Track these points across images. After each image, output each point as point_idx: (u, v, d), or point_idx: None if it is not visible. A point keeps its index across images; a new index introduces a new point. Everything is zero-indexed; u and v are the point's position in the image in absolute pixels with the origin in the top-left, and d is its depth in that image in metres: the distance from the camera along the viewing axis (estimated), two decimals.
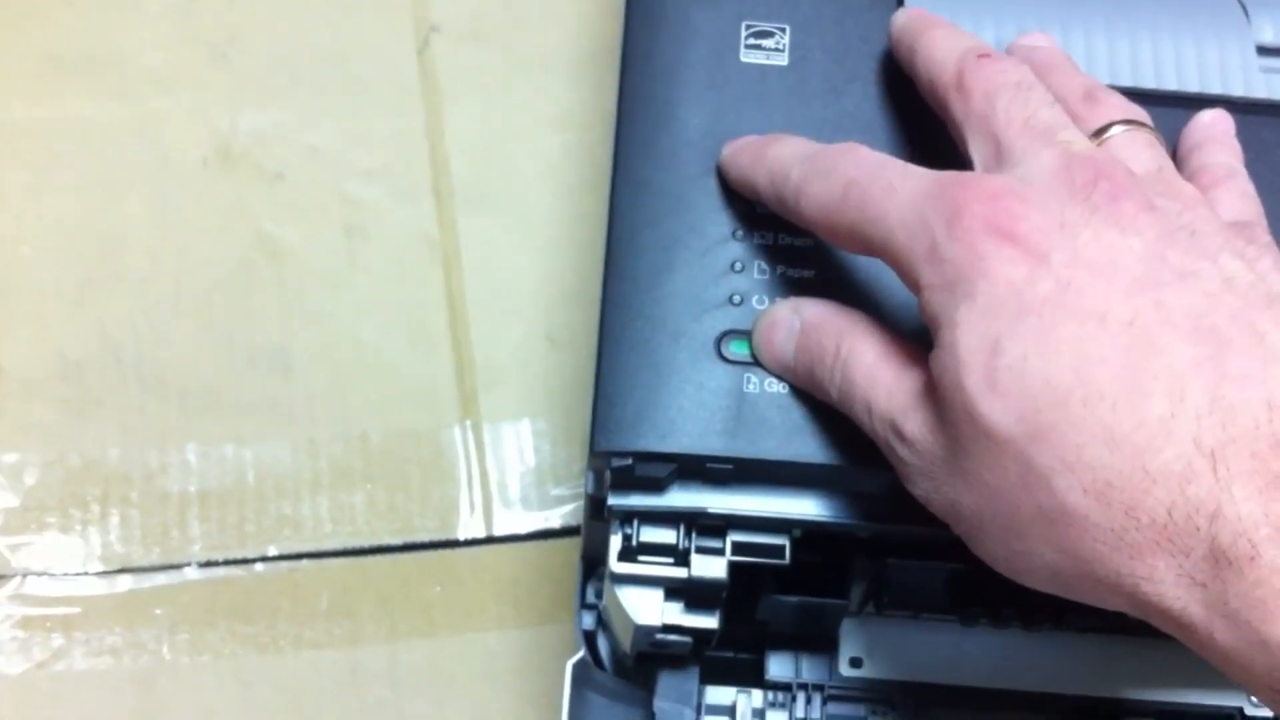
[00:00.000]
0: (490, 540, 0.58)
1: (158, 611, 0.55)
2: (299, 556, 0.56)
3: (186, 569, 0.56)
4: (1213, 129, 0.43)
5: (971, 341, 0.33)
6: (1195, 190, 0.36)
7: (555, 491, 0.59)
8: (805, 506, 0.40)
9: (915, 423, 0.35)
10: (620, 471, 0.40)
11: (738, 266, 0.41)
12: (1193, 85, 0.45)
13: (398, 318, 0.60)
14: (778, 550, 0.41)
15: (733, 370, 0.40)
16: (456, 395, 0.59)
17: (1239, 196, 0.40)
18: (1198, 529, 0.30)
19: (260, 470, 0.57)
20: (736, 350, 0.40)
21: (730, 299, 0.41)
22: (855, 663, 0.45)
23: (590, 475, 0.41)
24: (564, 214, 0.62)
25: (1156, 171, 0.37)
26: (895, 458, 0.36)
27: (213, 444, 0.58)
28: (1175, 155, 0.42)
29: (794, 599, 0.43)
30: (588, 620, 0.48)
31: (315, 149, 0.62)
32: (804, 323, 0.39)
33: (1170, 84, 0.45)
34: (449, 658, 0.56)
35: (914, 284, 0.35)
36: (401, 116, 0.63)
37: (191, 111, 0.62)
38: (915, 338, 0.36)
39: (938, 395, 0.34)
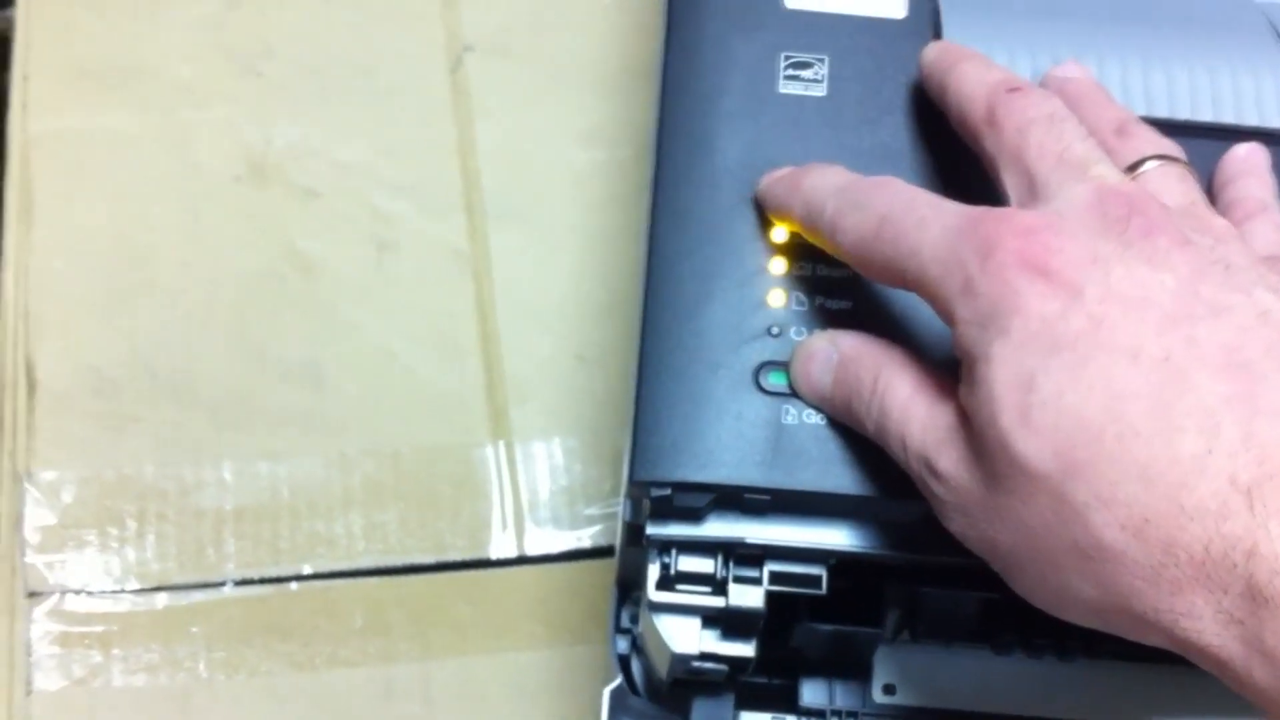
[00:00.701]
0: (522, 560, 0.58)
1: (194, 629, 0.55)
2: (333, 575, 0.56)
3: (223, 587, 0.56)
4: (1248, 161, 0.43)
5: (1006, 377, 0.33)
6: (1228, 224, 0.36)
7: (586, 511, 0.59)
8: (841, 537, 0.40)
9: (949, 459, 0.35)
10: (659, 501, 0.40)
11: (776, 298, 0.41)
12: (1228, 117, 0.45)
13: (428, 331, 0.60)
14: (814, 580, 0.41)
15: (771, 401, 0.40)
16: (487, 411, 0.59)
17: (1273, 229, 0.40)
18: (1234, 566, 0.30)
19: (294, 486, 0.57)
20: (775, 381, 0.40)
21: (769, 330, 0.41)
22: (889, 690, 0.45)
23: (628, 503, 0.42)
24: (593, 229, 0.62)
25: (1190, 206, 0.37)
26: (930, 493, 0.36)
27: (246, 460, 0.58)
28: (1210, 188, 0.42)
29: (828, 627, 0.43)
30: (622, 645, 0.48)
31: (346, 164, 0.62)
32: (841, 355, 0.39)
33: (1205, 115, 0.45)
34: (481, 676, 0.56)
35: (948, 318, 0.35)
36: (432, 130, 0.63)
37: (223, 125, 0.62)
38: (950, 370, 0.36)
39: (972, 430, 0.34)
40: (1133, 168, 0.38)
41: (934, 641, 0.45)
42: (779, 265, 0.42)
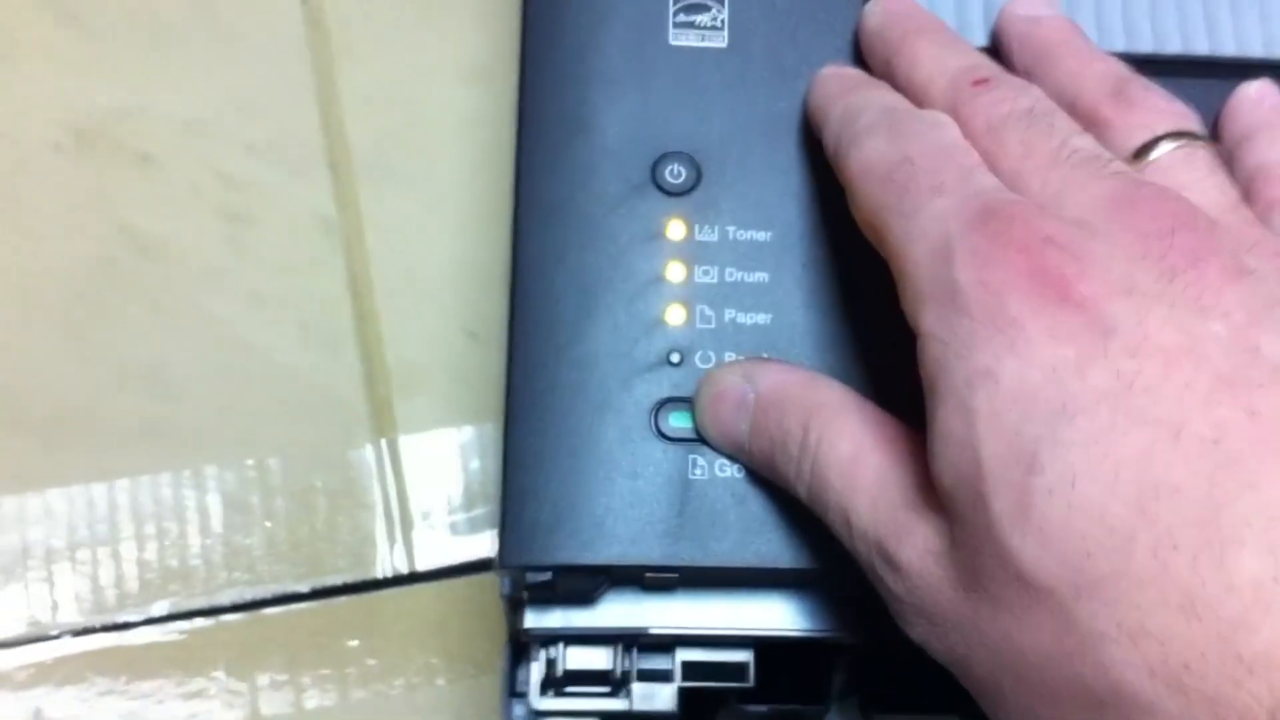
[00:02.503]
0: (414, 578, 0.51)
1: (23, 692, 0.48)
2: (190, 615, 0.49)
3: (57, 639, 0.48)
4: (1260, 106, 0.34)
5: (997, 447, 0.25)
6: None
7: (487, 511, 0.52)
8: (772, 615, 0.33)
9: (912, 549, 0.27)
10: (538, 587, 0.32)
11: (675, 314, 0.33)
12: (1228, 48, 0.36)
13: (293, 317, 0.53)
14: (739, 670, 0.33)
15: (674, 450, 0.33)
16: (367, 406, 0.52)
17: None
18: None
19: (138, 513, 0.50)
20: (678, 424, 0.33)
21: (668, 357, 0.33)
22: None
23: (504, 579, 0.34)
24: (482, 183, 0.55)
25: (1231, 208, 0.28)
26: (884, 588, 0.28)
27: (80, 484, 0.50)
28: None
29: (761, 708, 0.36)
30: (519, 712, 0.40)
31: (186, 122, 0.54)
32: (760, 396, 0.31)
33: (1200, 47, 0.36)
34: None
35: (913, 322, 0.27)
36: (286, 77, 0.55)
37: (37, 84, 0.54)
38: (912, 413, 0.28)
39: (944, 508, 0.26)
40: (1143, 151, 0.29)
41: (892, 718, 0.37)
42: (677, 271, 0.33)
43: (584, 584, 0.32)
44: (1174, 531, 0.24)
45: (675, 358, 0.33)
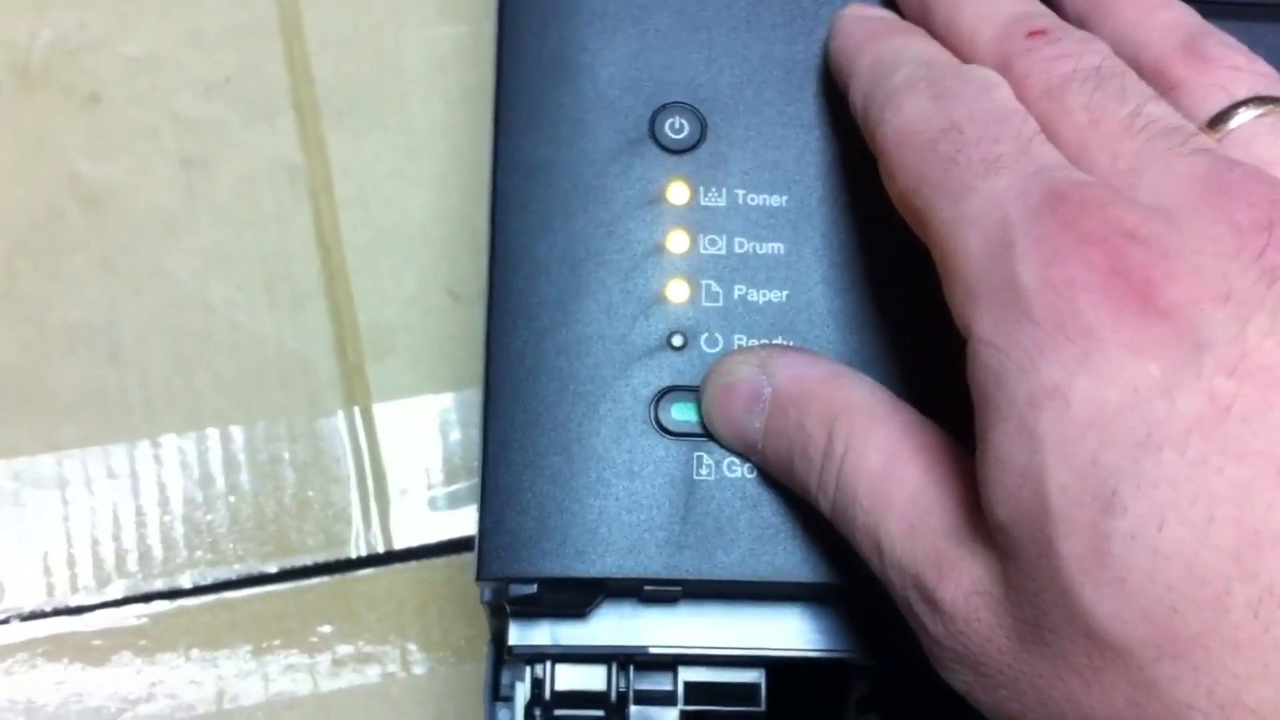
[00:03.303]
0: (390, 557, 0.48)
1: None
2: (148, 598, 0.47)
3: (5, 625, 0.46)
4: None
5: (1068, 479, 0.22)
6: None
7: (469, 484, 0.48)
8: (785, 632, 0.30)
9: (956, 586, 0.23)
10: (523, 600, 0.28)
11: (678, 290, 0.29)
12: None
13: (255, 273, 0.50)
14: (749, 693, 0.30)
15: (676, 447, 0.30)
16: (338, 370, 0.49)
17: None
18: None
19: (90, 488, 0.47)
20: (681, 417, 0.30)
21: (669, 340, 0.29)
22: None
23: (484, 588, 0.30)
24: (461, 126, 0.51)
25: None
26: (919, 626, 0.24)
27: (24, 456, 0.47)
28: None
29: None
30: (504, 717, 0.37)
31: (137, 59, 0.51)
32: (777, 390, 0.27)
33: None
34: (341, 716, 0.46)
35: (962, 323, 0.23)
36: (246, 8, 0.51)
37: None
38: (958, 421, 0.24)
39: (997, 542, 0.22)
40: (1219, 119, 0.25)
41: None
42: (680, 240, 0.30)
43: (575, 597, 0.29)
44: (1278, 587, 0.21)
45: (678, 341, 0.30)
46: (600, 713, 0.30)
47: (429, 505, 0.48)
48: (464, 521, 0.48)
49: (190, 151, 0.50)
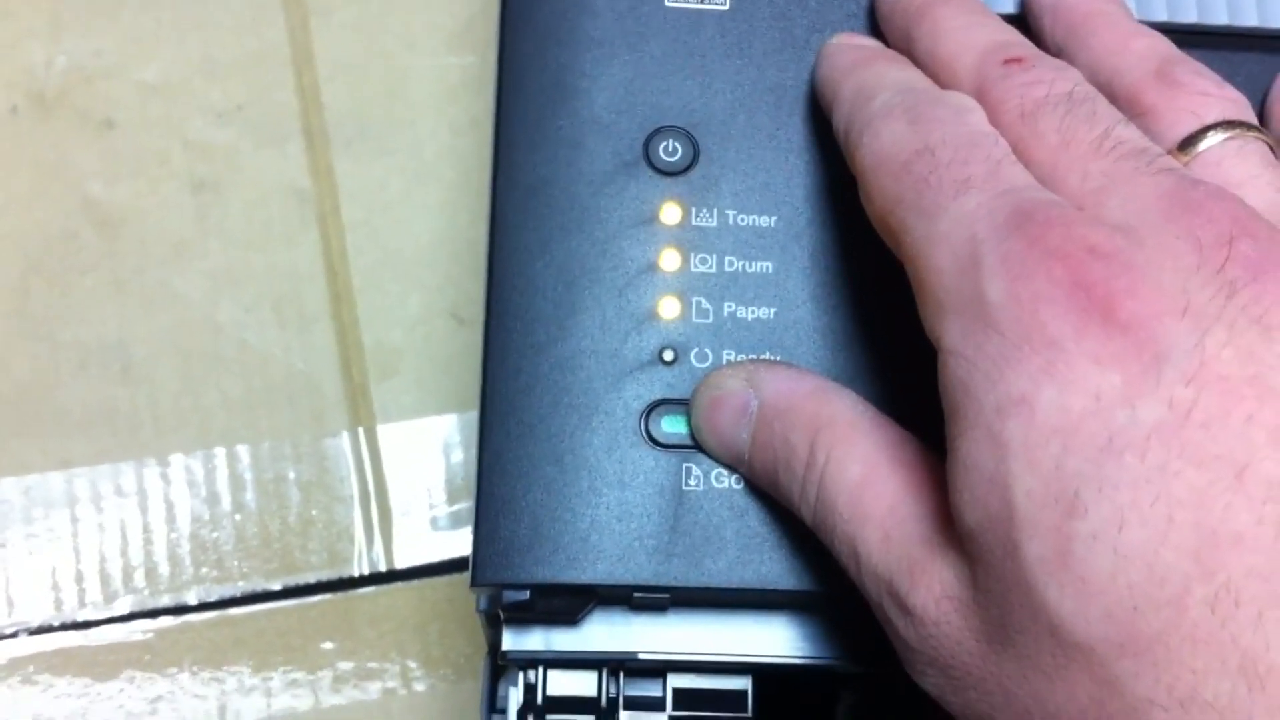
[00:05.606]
0: (393, 576, 0.48)
1: None
2: (153, 613, 0.47)
3: (13, 638, 0.46)
4: None
5: (1032, 484, 0.22)
6: None
7: (471, 505, 0.48)
8: (773, 639, 0.30)
9: (928, 591, 0.24)
10: (516, 606, 0.29)
11: (669, 306, 0.30)
12: (1276, 19, 0.33)
13: (263, 295, 0.50)
14: (736, 699, 0.31)
15: (666, 459, 0.30)
16: (343, 391, 0.50)
17: None
18: None
19: (98, 505, 0.48)
20: (671, 429, 0.31)
21: (660, 355, 0.30)
22: None
23: (480, 595, 0.31)
24: (467, 153, 0.52)
25: None
26: (893, 632, 0.25)
27: (34, 473, 0.48)
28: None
29: None
30: None
31: (151, 85, 0.51)
32: (764, 404, 0.28)
33: (1249, 18, 0.33)
34: None
35: (933, 336, 0.24)
36: (258, 37, 0.52)
37: None
38: (935, 437, 0.25)
39: (965, 547, 0.23)
40: (1189, 142, 0.26)
41: None
42: (672, 259, 0.30)
43: (566, 604, 0.30)
44: (1235, 585, 0.21)
45: (669, 356, 0.30)
46: (591, 717, 0.30)
47: (431, 525, 0.49)
48: (465, 541, 0.48)
49: (202, 176, 0.50)
